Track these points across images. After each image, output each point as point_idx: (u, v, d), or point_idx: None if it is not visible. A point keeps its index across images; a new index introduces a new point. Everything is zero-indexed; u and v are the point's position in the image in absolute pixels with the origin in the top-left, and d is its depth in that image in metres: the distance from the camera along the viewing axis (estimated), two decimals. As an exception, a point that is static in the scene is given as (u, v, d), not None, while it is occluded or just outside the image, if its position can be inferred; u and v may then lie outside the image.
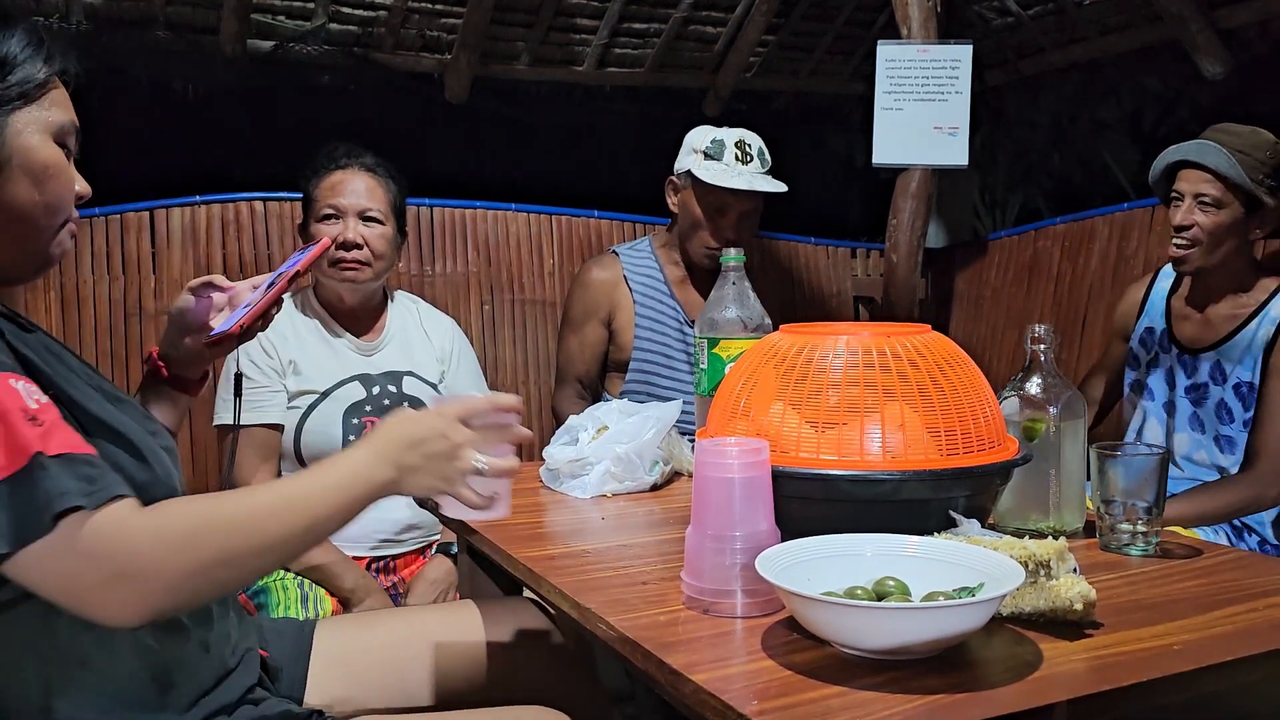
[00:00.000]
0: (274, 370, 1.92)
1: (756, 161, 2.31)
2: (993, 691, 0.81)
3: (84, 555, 0.89)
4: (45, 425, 0.92)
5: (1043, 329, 1.31)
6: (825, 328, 1.24)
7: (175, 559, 0.93)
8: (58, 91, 1.08)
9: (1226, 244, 2.00)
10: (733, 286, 1.64)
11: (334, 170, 2.00)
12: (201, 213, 2.75)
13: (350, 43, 3.31)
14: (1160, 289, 2.23)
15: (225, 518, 0.98)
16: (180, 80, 3.22)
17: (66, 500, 0.89)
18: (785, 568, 0.95)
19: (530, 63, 3.57)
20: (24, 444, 0.89)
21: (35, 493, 0.88)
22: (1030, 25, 3.56)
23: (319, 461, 1.07)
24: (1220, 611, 1.00)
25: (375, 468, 1.04)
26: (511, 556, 1.23)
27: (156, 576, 0.92)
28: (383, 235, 1.98)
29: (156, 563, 0.92)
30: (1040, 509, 1.28)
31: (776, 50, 3.87)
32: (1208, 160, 1.97)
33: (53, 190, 1.06)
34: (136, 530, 0.92)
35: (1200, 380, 2.11)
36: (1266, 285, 2.05)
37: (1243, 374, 2.04)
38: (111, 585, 0.91)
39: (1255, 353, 2.01)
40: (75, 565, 0.90)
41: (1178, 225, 2.02)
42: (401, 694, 1.32)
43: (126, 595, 0.91)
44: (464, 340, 2.18)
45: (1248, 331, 2.04)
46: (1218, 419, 2.09)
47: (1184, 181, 2.02)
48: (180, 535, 0.94)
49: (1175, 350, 2.16)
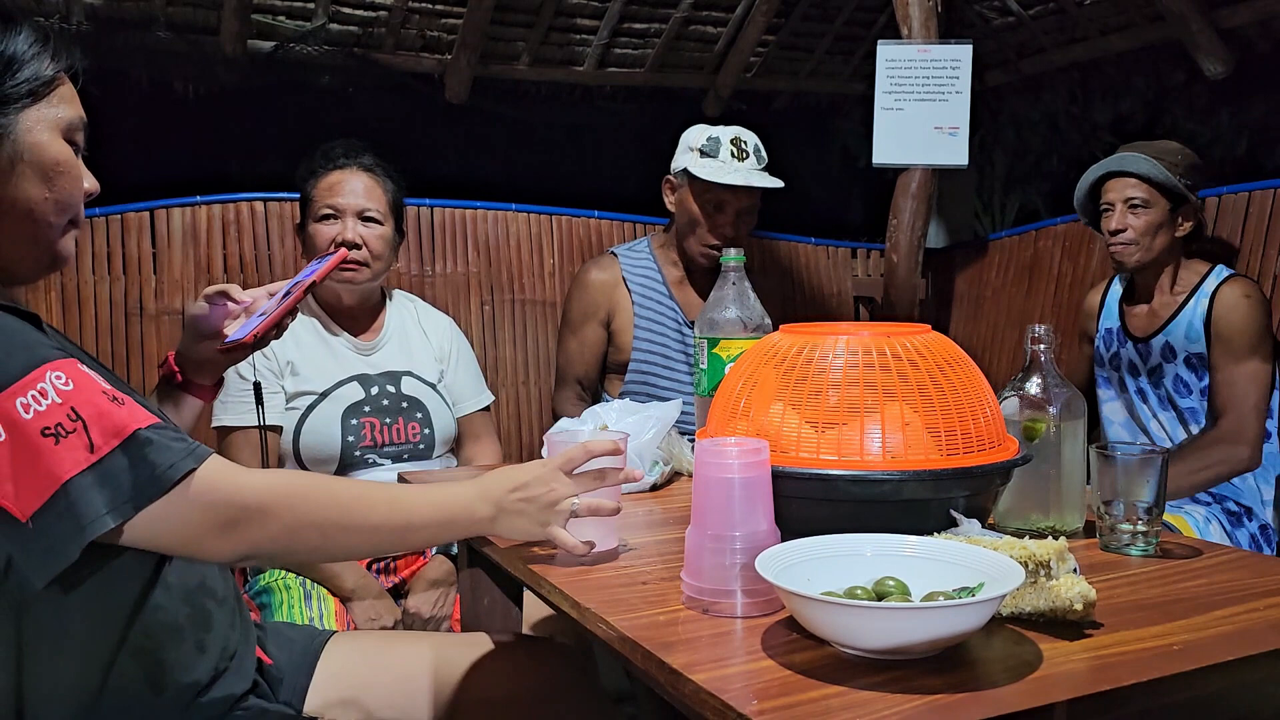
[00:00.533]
0: (272, 372, 1.91)
1: (753, 158, 2.31)
2: (993, 691, 0.81)
3: (204, 507, 1.00)
4: (126, 403, 1.00)
5: (1043, 329, 1.31)
6: (825, 328, 1.24)
7: (280, 511, 1.04)
8: (65, 88, 1.08)
9: (1158, 239, 2.26)
10: (733, 287, 1.63)
11: (332, 170, 1.99)
12: (202, 213, 2.74)
13: (350, 43, 3.32)
14: (1114, 293, 2.48)
15: (331, 491, 1.10)
16: (180, 80, 3.22)
17: (182, 466, 0.99)
18: (785, 568, 0.95)
19: (530, 63, 3.57)
20: (120, 422, 0.98)
21: (144, 465, 0.97)
22: (1031, 25, 3.55)
23: (428, 484, 1.16)
24: (1220, 611, 1.00)
25: (477, 503, 1.13)
26: (511, 556, 1.22)
27: (261, 524, 1.03)
28: (381, 235, 1.98)
29: (264, 511, 1.03)
30: (1040, 509, 1.28)
31: (776, 50, 3.87)
32: (1130, 167, 2.25)
33: (63, 187, 1.07)
34: (246, 481, 1.04)
35: (1154, 362, 2.35)
36: (1198, 270, 2.32)
37: (1190, 347, 2.27)
38: (226, 530, 1.01)
39: (1198, 325, 2.26)
40: (197, 515, 1.00)
41: (1113, 230, 2.28)
42: (403, 713, 1.31)
43: (237, 537, 1.02)
44: (462, 339, 2.17)
45: (1187, 311, 2.28)
46: (1175, 393, 2.31)
47: (1111, 192, 2.30)
48: (288, 492, 1.06)
49: (1131, 343, 2.39)
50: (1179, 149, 2.29)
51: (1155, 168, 2.22)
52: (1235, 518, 2.18)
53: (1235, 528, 2.16)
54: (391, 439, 1.95)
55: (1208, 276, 2.28)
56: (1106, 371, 2.45)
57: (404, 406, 1.98)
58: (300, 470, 1.07)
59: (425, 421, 1.99)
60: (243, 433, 1.86)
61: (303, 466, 1.91)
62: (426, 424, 1.99)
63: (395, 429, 1.96)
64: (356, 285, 1.97)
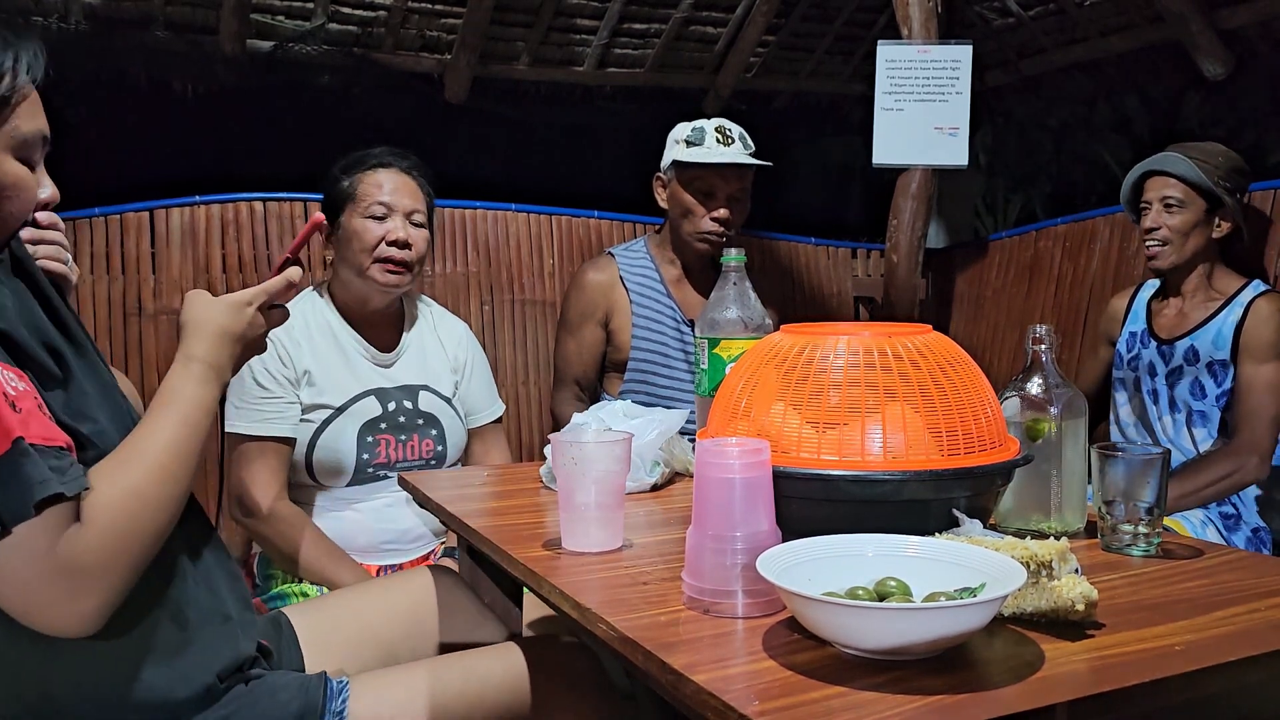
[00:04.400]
0: (288, 380, 1.87)
1: (739, 143, 2.32)
2: (994, 692, 0.81)
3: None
4: (24, 412, 0.95)
5: (1043, 329, 1.31)
6: (826, 328, 1.24)
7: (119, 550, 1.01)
8: (25, 104, 1.04)
9: (1192, 240, 2.26)
10: (733, 287, 1.63)
11: (379, 168, 1.94)
12: (201, 213, 2.74)
13: (350, 43, 3.31)
14: (1142, 298, 2.48)
15: (141, 496, 1.05)
16: (180, 80, 3.22)
17: (46, 488, 0.94)
18: (786, 568, 0.94)
19: (530, 63, 3.57)
20: (6, 428, 0.93)
21: (17, 477, 0.93)
22: (1031, 25, 3.55)
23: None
24: (1222, 612, 0.99)
25: (201, 388, 1.16)
26: (511, 556, 1.22)
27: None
28: (425, 239, 1.95)
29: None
30: (1042, 509, 1.28)
31: (776, 50, 3.87)
32: (1169, 167, 2.27)
33: (11, 209, 1.05)
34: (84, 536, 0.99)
35: (1176, 364, 2.33)
36: (1234, 282, 2.31)
37: (1216, 354, 2.25)
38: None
39: (1226, 333, 2.24)
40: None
41: (1148, 228, 2.29)
42: (388, 655, 1.42)
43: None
44: (477, 347, 2.13)
45: (1216, 321, 2.27)
46: (1190, 395, 2.30)
47: (1150, 190, 2.31)
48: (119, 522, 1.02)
49: (1155, 344, 2.38)
50: (1222, 151, 2.28)
51: (1191, 168, 2.23)
52: (1231, 520, 2.19)
53: (1231, 531, 2.17)
54: (405, 455, 1.93)
55: (1244, 289, 2.28)
56: (1124, 372, 2.44)
57: (420, 423, 1.95)
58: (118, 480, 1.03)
59: (440, 438, 1.97)
60: (257, 443, 1.83)
61: (314, 479, 1.90)
62: (441, 440, 1.97)
63: (410, 445, 1.94)
64: (400, 288, 1.93)
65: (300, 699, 1.19)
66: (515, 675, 1.32)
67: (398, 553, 1.95)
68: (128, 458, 1.05)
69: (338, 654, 1.40)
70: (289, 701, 1.18)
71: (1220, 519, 2.18)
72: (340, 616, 1.47)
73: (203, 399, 1.15)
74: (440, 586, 1.53)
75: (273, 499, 1.83)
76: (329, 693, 1.21)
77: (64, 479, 0.96)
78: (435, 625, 1.49)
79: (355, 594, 1.57)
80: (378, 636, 1.45)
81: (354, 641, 1.43)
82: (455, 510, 1.45)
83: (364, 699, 1.22)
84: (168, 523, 1.06)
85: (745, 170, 2.33)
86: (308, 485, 1.91)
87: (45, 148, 1.08)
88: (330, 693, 1.21)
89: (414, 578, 1.56)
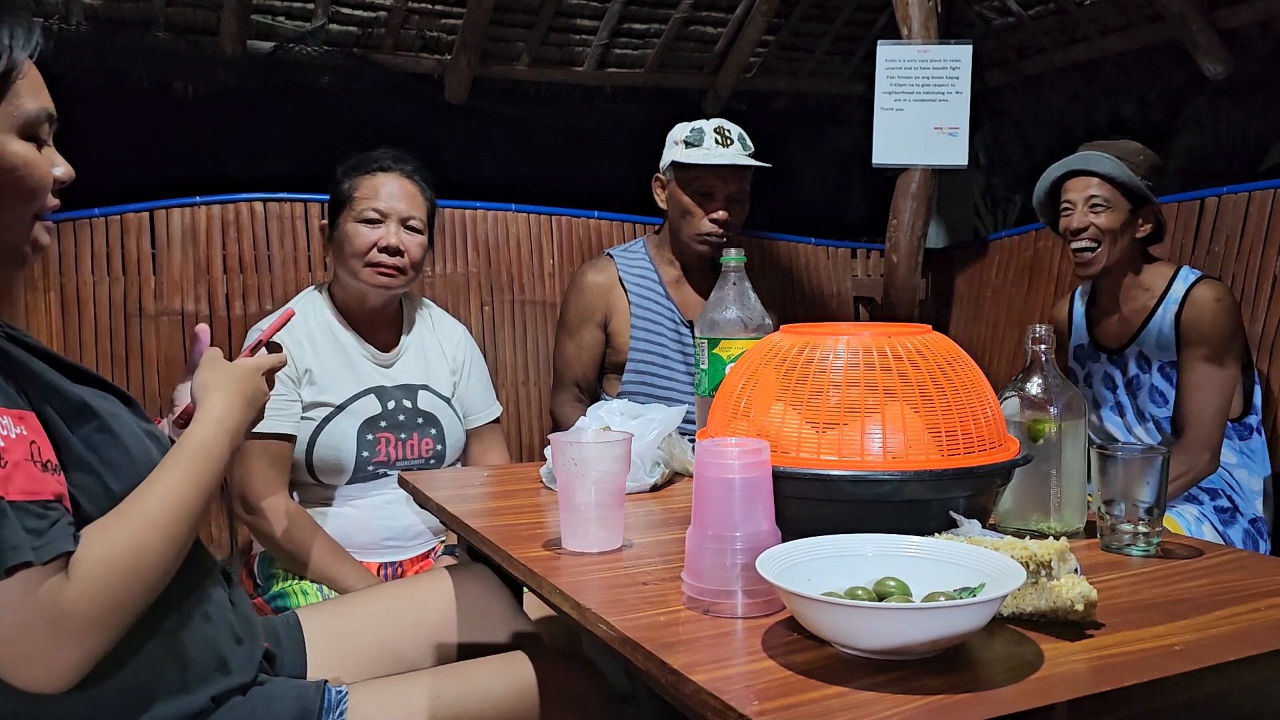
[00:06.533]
0: (290, 379, 1.88)
1: (737, 144, 2.32)
2: (993, 692, 0.81)
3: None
4: (9, 465, 0.94)
5: (1043, 329, 1.31)
6: (825, 328, 1.24)
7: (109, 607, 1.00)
8: (25, 80, 1.01)
9: (1121, 241, 2.22)
10: (733, 287, 1.63)
11: (377, 172, 1.95)
12: (201, 213, 2.74)
13: (350, 43, 3.32)
14: (1079, 309, 2.44)
15: (142, 551, 1.04)
16: (180, 81, 3.22)
17: (18, 555, 0.92)
18: (786, 568, 0.95)
19: (530, 63, 3.57)
20: None
21: None
22: (1030, 25, 3.55)
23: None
24: (1221, 612, 0.99)
25: (220, 438, 1.17)
26: (511, 556, 1.22)
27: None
28: (420, 245, 1.96)
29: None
30: (1041, 509, 1.28)
31: (776, 50, 3.87)
32: (1093, 166, 2.21)
33: (21, 189, 1.02)
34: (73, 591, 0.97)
35: (1131, 374, 2.31)
36: (1163, 273, 2.27)
37: (1164, 356, 2.24)
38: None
39: (1168, 330, 2.22)
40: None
41: (1075, 229, 2.23)
42: (396, 661, 1.40)
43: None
44: (475, 349, 2.14)
45: (1157, 318, 2.24)
46: (1153, 404, 2.28)
47: (1072, 191, 2.25)
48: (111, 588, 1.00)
49: (1103, 356, 2.35)
50: (1140, 149, 2.26)
51: (1118, 167, 2.19)
52: (1227, 514, 2.19)
53: (1227, 525, 2.17)
54: (405, 454, 1.94)
55: (1175, 279, 2.24)
56: (1083, 390, 2.39)
57: (419, 422, 1.97)
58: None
59: (439, 437, 1.98)
60: (259, 440, 1.84)
61: (314, 477, 1.91)
62: (440, 439, 1.98)
63: (409, 444, 1.95)
64: (392, 291, 1.94)
65: (296, 709, 1.18)
66: (517, 689, 1.31)
67: (398, 550, 1.95)
68: (128, 511, 1.04)
69: (346, 661, 1.38)
70: (284, 712, 1.18)
71: (1215, 513, 2.18)
72: (354, 622, 1.45)
73: (215, 458, 1.14)
74: (460, 590, 1.49)
75: (275, 496, 1.83)
76: (327, 702, 1.21)
77: (39, 541, 0.94)
78: (454, 633, 1.46)
79: (371, 599, 1.53)
80: (391, 644, 1.43)
81: (365, 648, 1.41)
82: (455, 510, 1.46)
83: (362, 708, 1.22)
84: (162, 577, 1.04)
85: (744, 171, 2.33)
86: (308, 483, 1.92)
87: (53, 126, 1.05)
88: (329, 702, 1.21)
89: (432, 583, 1.51)
